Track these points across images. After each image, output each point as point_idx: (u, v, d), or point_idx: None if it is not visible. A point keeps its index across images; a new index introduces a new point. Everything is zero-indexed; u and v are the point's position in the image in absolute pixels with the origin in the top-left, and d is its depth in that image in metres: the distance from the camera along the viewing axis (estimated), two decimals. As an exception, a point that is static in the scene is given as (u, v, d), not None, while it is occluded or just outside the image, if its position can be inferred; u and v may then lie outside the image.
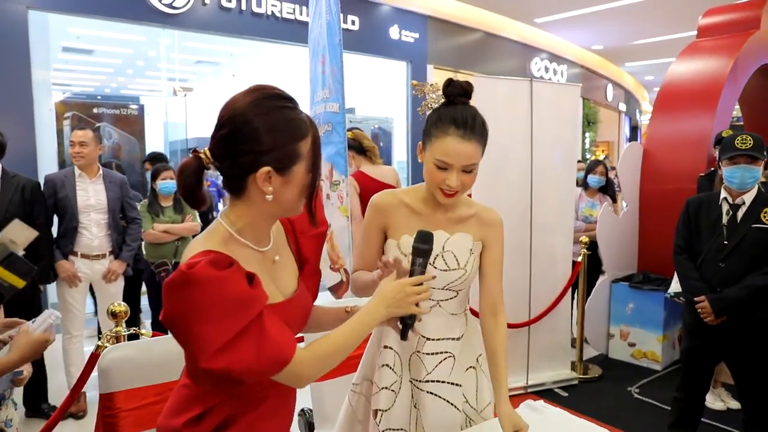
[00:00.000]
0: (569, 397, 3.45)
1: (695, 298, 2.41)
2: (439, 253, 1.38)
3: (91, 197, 3.17)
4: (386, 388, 1.43)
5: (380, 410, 1.43)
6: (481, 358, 1.50)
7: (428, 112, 1.47)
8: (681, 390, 2.56)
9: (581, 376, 3.73)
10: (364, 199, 3.25)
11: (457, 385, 1.42)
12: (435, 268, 1.38)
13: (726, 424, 3.03)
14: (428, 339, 1.42)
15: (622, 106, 15.27)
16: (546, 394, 3.43)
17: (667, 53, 11.18)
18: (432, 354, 1.42)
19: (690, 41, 4.82)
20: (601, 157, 13.39)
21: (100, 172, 3.23)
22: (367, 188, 3.36)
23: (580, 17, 9.17)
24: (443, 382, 1.41)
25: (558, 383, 3.57)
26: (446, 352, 1.42)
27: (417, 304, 1.12)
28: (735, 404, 3.17)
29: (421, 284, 1.12)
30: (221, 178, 1.04)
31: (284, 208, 1.02)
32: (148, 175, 4.45)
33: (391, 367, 1.44)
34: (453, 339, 1.44)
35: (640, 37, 10.64)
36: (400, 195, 1.46)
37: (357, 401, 1.56)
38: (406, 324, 1.14)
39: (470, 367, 1.47)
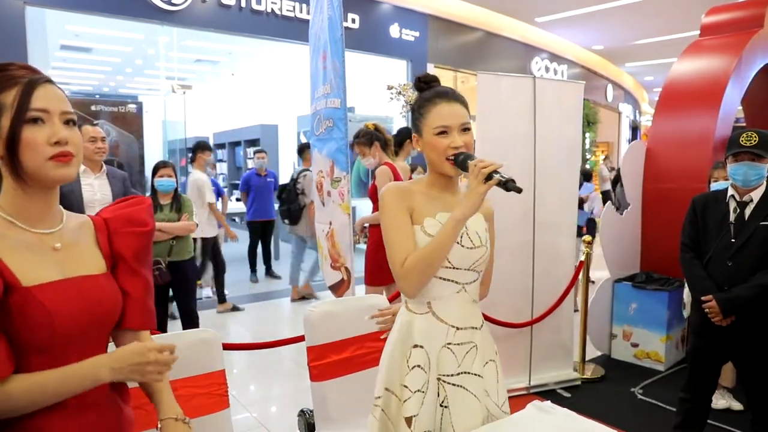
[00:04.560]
0: (572, 397, 3.41)
1: (702, 297, 2.38)
2: (463, 232, 1.38)
3: (97, 192, 3.19)
4: (419, 390, 1.38)
5: (413, 416, 1.36)
6: (497, 352, 1.51)
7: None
8: (687, 390, 2.53)
9: (584, 377, 3.69)
10: None
11: (479, 376, 1.42)
12: (462, 246, 1.38)
13: (731, 425, 3.00)
14: (458, 329, 1.41)
15: (622, 107, 15.28)
16: (548, 394, 3.39)
17: (667, 53, 11.18)
18: (461, 344, 1.41)
19: (691, 41, 4.78)
20: (601, 157, 13.39)
21: (104, 168, 3.24)
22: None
23: (581, 16, 9.16)
24: (469, 373, 1.41)
25: (560, 384, 3.53)
26: (471, 342, 1.42)
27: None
28: (738, 405, 3.14)
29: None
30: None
31: (26, 174, 0.98)
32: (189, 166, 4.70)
33: (422, 367, 1.40)
34: (475, 328, 1.44)
35: (640, 37, 10.63)
36: (408, 185, 1.45)
37: (381, 417, 1.44)
38: (503, 183, 1.24)
39: (490, 360, 1.47)
